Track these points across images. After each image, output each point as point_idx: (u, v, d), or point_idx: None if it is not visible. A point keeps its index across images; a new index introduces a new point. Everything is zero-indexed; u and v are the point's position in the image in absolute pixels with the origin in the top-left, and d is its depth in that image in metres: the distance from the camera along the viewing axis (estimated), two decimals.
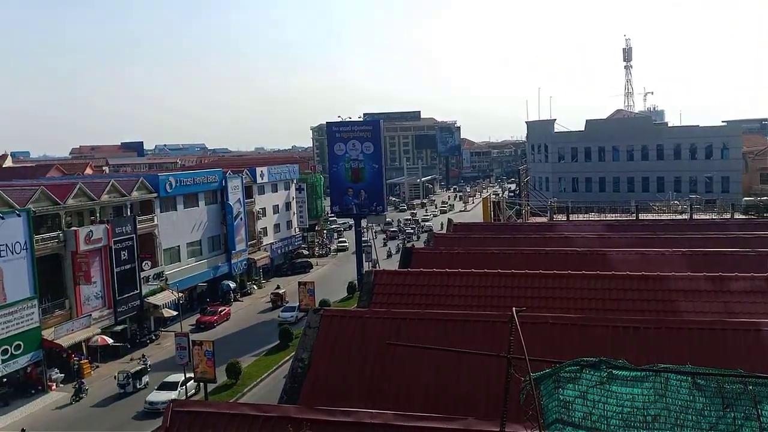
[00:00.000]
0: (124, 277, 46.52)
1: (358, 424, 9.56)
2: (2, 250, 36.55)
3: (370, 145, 62.09)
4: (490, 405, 11.63)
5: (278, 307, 55.11)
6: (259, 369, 41.03)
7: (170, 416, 10.22)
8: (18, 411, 35.81)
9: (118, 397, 37.43)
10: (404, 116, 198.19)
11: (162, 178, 53.75)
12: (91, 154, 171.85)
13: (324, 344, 13.97)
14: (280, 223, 74.15)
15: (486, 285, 17.74)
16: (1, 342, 36.07)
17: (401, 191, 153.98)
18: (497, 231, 31.01)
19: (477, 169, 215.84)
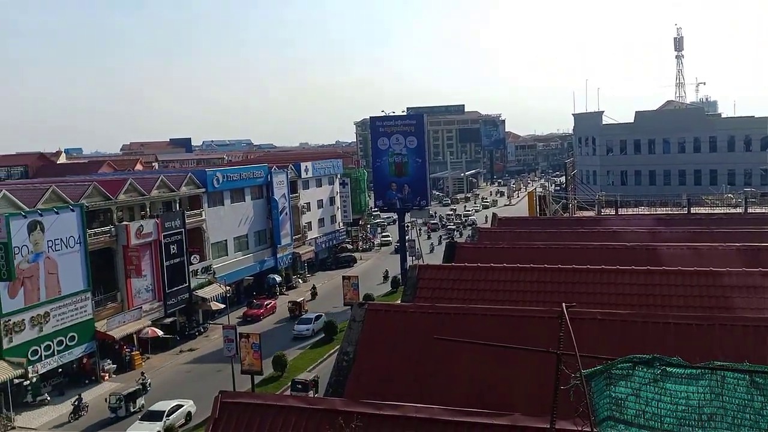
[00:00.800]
0: (174, 271, 47.61)
1: (404, 417, 9.58)
2: (57, 244, 37.80)
3: (414, 140, 61.97)
4: (536, 401, 11.49)
5: (297, 317, 50.40)
6: (305, 362, 41.51)
7: (219, 407, 10.43)
8: (73, 400, 37.01)
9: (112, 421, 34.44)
10: (448, 110, 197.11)
11: (210, 174, 54.76)
12: (141, 150, 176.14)
13: (369, 338, 14.04)
14: (324, 217, 74.75)
15: (531, 280, 17.53)
16: (56, 333, 37.37)
17: (445, 185, 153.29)
18: (543, 225, 30.62)
19: (522, 163, 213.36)
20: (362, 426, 8.79)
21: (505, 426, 9.11)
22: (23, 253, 35.47)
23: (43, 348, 36.44)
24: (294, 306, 52.70)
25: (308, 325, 46.81)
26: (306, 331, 46.09)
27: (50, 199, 38.53)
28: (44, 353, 36.53)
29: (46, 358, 36.71)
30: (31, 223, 36.16)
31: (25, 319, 35.62)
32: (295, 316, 50.51)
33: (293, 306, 52.63)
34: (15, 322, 35.00)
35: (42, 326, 36.54)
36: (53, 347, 37.10)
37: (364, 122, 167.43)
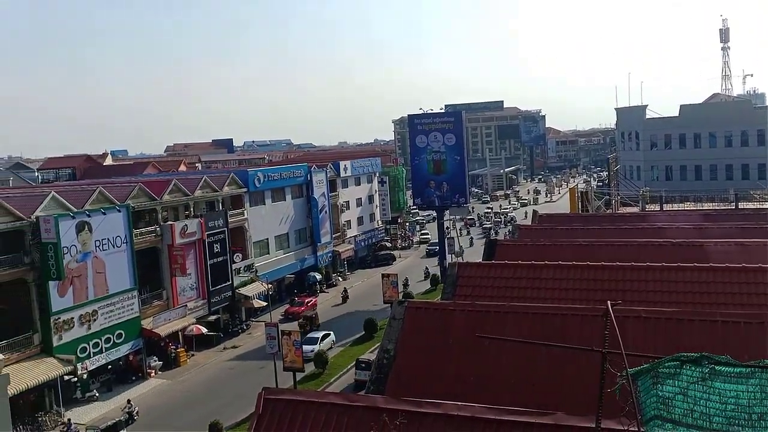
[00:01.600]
0: (217, 269, 48.43)
1: (445, 416, 9.56)
2: (104, 243, 38.81)
3: (452, 137, 61.68)
4: (579, 401, 11.33)
5: (307, 333, 45.14)
6: (345, 359, 41.75)
7: (262, 403, 10.57)
8: (120, 396, 38.01)
9: None
10: (487, 106, 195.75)
11: (251, 174, 55.52)
12: (185, 151, 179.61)
13: (409, 336, 14.05)
14: (363, 215, 75.04)
15: (574, 278, 17.29)
16: (104, 331, 38.39)
17: (484, 183, 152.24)
18: (585, 222, 30.15)
19: (563, 159, 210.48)
20: (404, 423, 8.80)
21: (549, 425, 9.01)
22: (72, 253, 36.51)
23: (91, 345, 37.47)
24: (305, 321, 47.63)
25: (313, 346, 41.38)
26: (310, 353, 39.67)
27: (97, 200, 39.59)
28: (92, 350, 37.56)
29: (95, 355, 37.73)
30: (79, 223, 37.21)
31: (74, 317, 36.68)
32: (306, 332, 45.30)
33: (304, 321, 47.54)
34: (64, 320, 36.08)
35: (90, 324, 37.58)
36: (101, 344, 38.12)
37: (402, 120, 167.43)
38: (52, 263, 35.10)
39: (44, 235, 35.15)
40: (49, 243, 35.09)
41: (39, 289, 35.46)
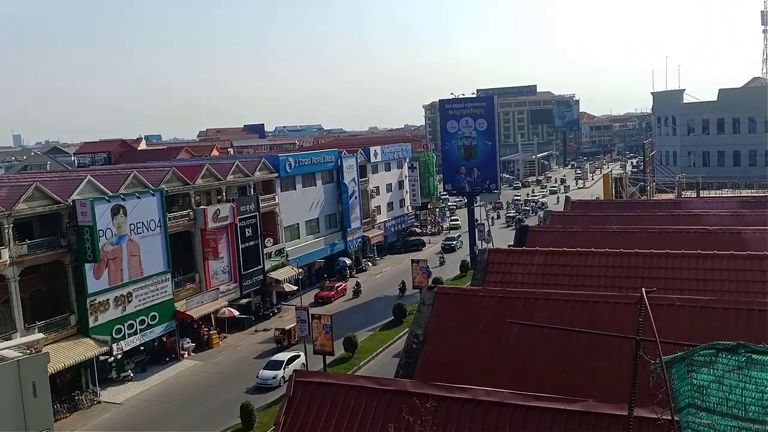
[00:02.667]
0: (249, 253, 48.95)
1: (474, 401, 9.55)
2: (139, 227, 39.46)
3: (484, 122, 61.11)
4: (610, 387, 11.23)
5: (284, 348, 40.89)
6: (374, 343, 41.97)
7: (293, 386, 10.69)
8: (154, 377, 38.84)
9: None
10: (519, 91, 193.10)
11: (282, 159, 55.82)
12: (217, 136, 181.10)
13: (438, 321, 14.04)
14: (393, 201, 74.99)
15: (606, 265, 17.07)
16: (138, 312, 39.16)
17: (515, 168, 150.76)
18: (619, 209, 29.68)
19: (597, 144, 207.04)
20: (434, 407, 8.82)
21: (578, 412, 8.94)
22: (107, 236, 37.21)
23: (126, 327, 38.26)
24: (282, 335, 42.17)
25: (276, 372, 35.94)
26: (272, 381, 35.43)
27: (132, 184, 40.24)
28: (127, 332, 38.36)
29: (129, 336, 38.54)
30: (114, 207, 37.88)
31: (110, 299, 37.46)
32: (283, 347, 41.01)
33: (281, 335, 42.14)
34: (100, 302, 36.88)
35: (125, 306, 38.36)
36: (136, 326, 38.91)
37: (433, 105, 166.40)
38: (88, 246, 35.84)
39: (80, 219, 35.89)
40: (85, 226, 35.81)
41: (75, 271, 36.27)
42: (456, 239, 72.22)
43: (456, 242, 71.38)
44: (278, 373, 35.93)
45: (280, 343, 41.96)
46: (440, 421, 9.23)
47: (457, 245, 70.47)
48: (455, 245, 70.57)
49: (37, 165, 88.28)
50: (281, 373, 35.91)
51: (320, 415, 10.17)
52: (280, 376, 35.60)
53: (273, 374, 36.03)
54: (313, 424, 10.09)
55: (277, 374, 35.89)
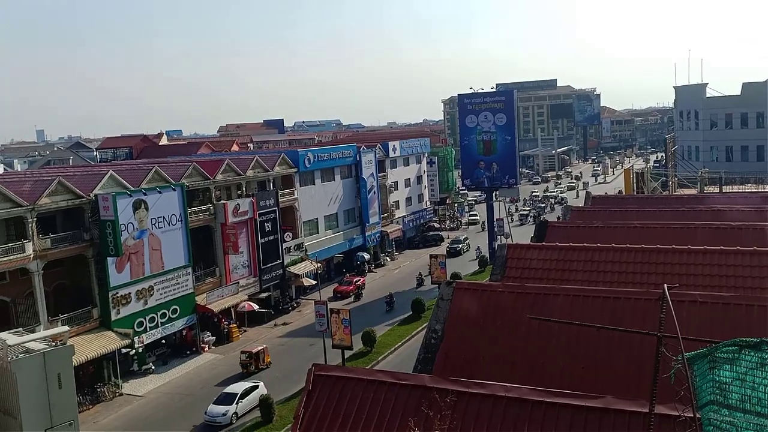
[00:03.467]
0: (268, 248, 49.25)
1: (493, 396, 9.54)
2: (160, 221, 39.87)
3: (503, 117, 60.76)
4: (629, 384, 11.16)
5: (251, 374, 36.72)
6: (393, 338, 42.04)
7: (312, 379, 10.75)
8: (175, 370, 39.28)
9: None
10: (539, 85, 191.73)
11: (301, 154, 56.03)
12: (237, 131, 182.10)
13: (457, 316, 14.02)
14: (411, 196, 74.95)
15: (627, 261, 16.92)
16: (160, 306, 39.60)
17: (535, 163, 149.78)
18: (640, 204, 29.39)
19: (618, 139, 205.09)
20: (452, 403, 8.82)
21: (598, 408, 8.90)
22: (129, 230, 37.65)
23: (147, 320, 38.72)
24: (248, 359, 37.32)
25: (227, 407, 31.34)
26: (221, 418, 30.93)
27: (153, 179, 40.64)
28: (149, 325, 38.82)
29: (151, 329, 39.00)
30: (136, 201, 38.30)
31: (131, 293, 37.92)
32: (249, 374, 36.71)
33: (247, 359, 37.29)
34: (122, 295, 37.35)
35: (147, 299, 38.81)
36: (157, 319, 39.36)
37: (452, 100, 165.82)
38: (110, 240, 36.29)
39: (103, 213, 36.34)
40: (107, 220, 36.26)
41: (98, 265, 36.76)
42: (462, 242, 68.14)
43: (462, 245, 67.34)
44: (229, 409, 31.24)
45: (246, 368, 36.95)
46: (459, 417, 9.24)
47: (463, 249, 66.83)
48: (461, 249, 66.79)
49: (60, 160, 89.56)
50: (233, 408, 31.32)
51: (339, 408, 10.23)
52: (232, 412, 31.12)
53: (224, 410, 31.18)
54: (332, 417, 10.15)
55: (228, 410, 31.16)
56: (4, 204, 32.65)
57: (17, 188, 34.51)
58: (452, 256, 63.07)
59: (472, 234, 76.67)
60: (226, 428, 30.96)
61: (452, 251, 65.43)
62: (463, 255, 65.25)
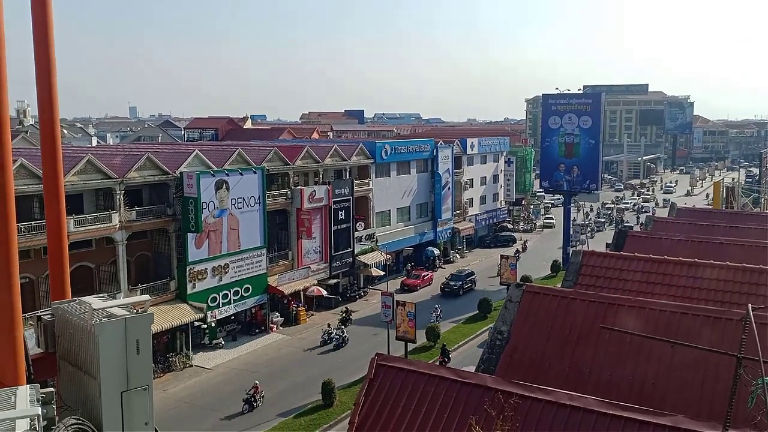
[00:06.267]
0: (340, 236, 49.94)
1: (557, 404, 9.35)
2: (239, 202, 41.08)
3: (588, 119, 59.16)
4: (702, 405, 10.69)
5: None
6: (457, 336, 41.83)
7: (374, 368, 10.83)
8: (245, 346, 40.49)
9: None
10: (629, 89, 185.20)
11: (379, 146, 56.38)
12: (318, 120, 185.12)
13: (524, 319, 13.79)
14: (486, 195, 74.14)
15: (710, 278, 16.14)
16: (233, 284, 40.86)
17: (618, 169, 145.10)
18: (728, 219, 27.95)
19: (709, 150, 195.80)
20: (516, 404, 8.70)
21: (667, 426, 8.56)
22: (210, 209, 38.99)
23: (221, 296, 40.04)
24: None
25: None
26: None
27: (236, 161, 41.88)
28: (222, 301, 40.14)
29: (223, 305, 40.32)
30: (218, 181, 39.59)
31: (208, 269, 39.29)
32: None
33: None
34: (199, 271, 38.75)
35: (222, 276, 40.12)
36: (230, 296, 40.64)
37: (535, 99, 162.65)
38: (191, 216, 37.69)
39: (186, 190, 37.78)
40: (190, 198, 37.67)
41: (178, 240, 38.28)
42: (464, 279, 52.14)
43: (463, 282, 51.61)
44: None
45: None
46: (520, 420, 9.11)
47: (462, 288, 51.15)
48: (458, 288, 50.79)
49: (150, 136, 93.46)
50: None
51: (399, 399, 10.28)
52: None
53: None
54: (392, 407, 10.21)
55: None
56: (95, 175, 34.44)
57: (108, 161, 36.33)
58: (448, 295, 50.69)
59: (547, 237, 75.08)
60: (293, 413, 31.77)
61: (446, 288, 51.54)
62: (462, 296, 50.34)
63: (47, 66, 6.44)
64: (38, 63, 6.42)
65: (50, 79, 6.49)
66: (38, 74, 6.44)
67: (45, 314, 6.05)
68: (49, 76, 6.47)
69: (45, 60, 6.44)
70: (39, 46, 6.40)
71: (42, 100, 6.48)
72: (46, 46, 6.43)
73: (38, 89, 6.50)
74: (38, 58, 6.42)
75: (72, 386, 5.71)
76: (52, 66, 6.50)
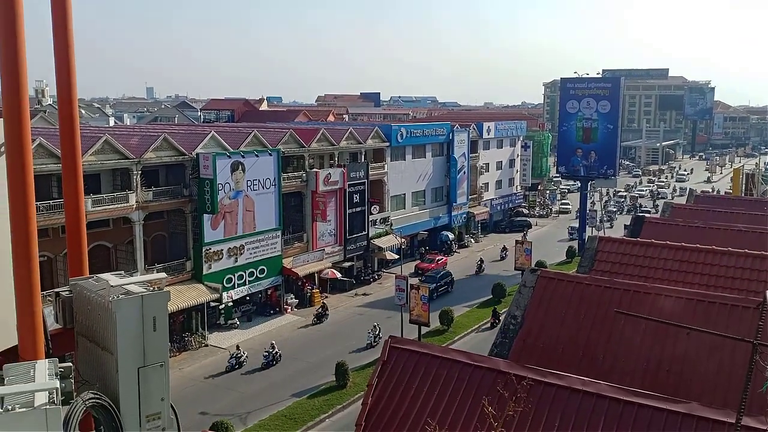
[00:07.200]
0: (355, 219, 50.02)
1: (570, 389, 9.35)
2: (255, 184, 41.22)
3: (607, 104, 58.53)
4: (717, 391, 10.66)
5: None
6: (470, 320, 41.90)
7: (388, 351, 10.90)
8: (259, 327, 40.85)
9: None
10: (649, 74, 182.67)
11: (394, 129, 56.19)
12: (334, 102, 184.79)
13: (538, 305, 13.77)
14: (502, 179, 73.76)
15: (727, 265, 16.01)
16: (248, 265, 41.13)
17: (636, 155, 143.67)
18: (748, 207, 27.63)
19: (730, 137, 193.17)
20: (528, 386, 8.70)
21: (680, 413, 8.54)
22: (225, 190, 39.16)
23: (236, 277, 40.35)
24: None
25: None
26: None
27: (252, 142, 41.97)
28: (237, 282, 40.46)
29: (239, 286, 40.65)
30: (234, 163, 39.73)
31: (223, 250, 39.57)
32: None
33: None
34: (214, 251, 39.04)
35: (237, 257, 40.40)
36: (245, 277, 40.94)
37: (553, 83, 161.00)
38: (207, 197, 37.92)
39: (203, 171, 37.97)
40: (206, 179, 37.87)
41: (194, 221, 38.54)
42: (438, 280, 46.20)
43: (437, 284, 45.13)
44: None
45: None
46: (533, 404, 9.13)
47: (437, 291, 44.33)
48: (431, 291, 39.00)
49: (167, 117, 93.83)
50: None
51: (412, 381, 10.34)
52: None
53: None
54: (405, 389, 10.28)
55: None
56: (113, 155, 34.69)
57: (126, 141, 36.56)
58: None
59: (563, 222, 74.62)
60: None
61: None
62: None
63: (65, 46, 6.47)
64: (57, 43, 6.45)
65: (69, 60, 6.52)
66: (57, 54, 6.47)
67: (63, 291, 6.14)
68: (67, 56, 6.50)
69: (63, 40, 6.46)
70: (57, 27, 6.43)
71: (60, 80, 6.52)
72: (64, 27, 6.45)
73: (57, 69, 6.53)
74: (57, 39, 6.45)
75: (89, 361, 5.80)
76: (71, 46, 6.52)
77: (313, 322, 41.88)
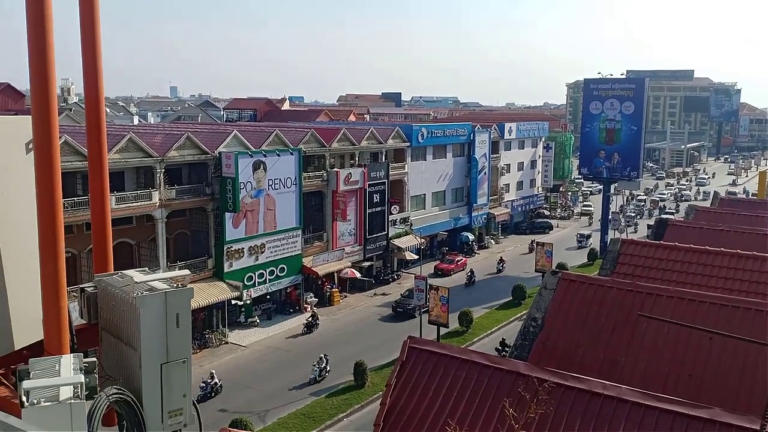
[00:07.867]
0: (375, 218, 50.09)
1: (590, 392, 9.28)
2: (276, 183, 41.45)
3: (631, 105, 57.96)
4: (740, 397, 10.50)
5: None
6: (490, 321, 41.73)
7: (407, 351, 10.89)
8: (278, 326, 41.08)
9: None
10: (674, 75, 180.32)
11: (415, 129, 56.15)
12: (355, 102, 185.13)
13: (559, 307, 13.67)
14: (523, 180, 73.34)
15: (752, 269, 15.76)
16: (269, 263, 41.37)
17: (661, 157, 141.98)
18: None
19: (756, 139, 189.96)
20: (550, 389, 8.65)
21: (702, 419, 8.43)
22: (247, 189, 39.44)
23: (257, 275, 40.62)
24: None
25: None
26: None
27: (273, 142, 42.21)
28: (257, 280, 40.73)
29: (259, 284, 40.91)
30: (255, 162, 39.99)
31: (244, 248, 39.85)
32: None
33: None
34: (236, 250, 39.33)
35: (258, 256, 40.66)
36: (265, 276, 41.20)
37: (576, 84, 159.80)
38: (229, 196, 38.22)
39: (225, 170, 38.28)
40: (228, 177, 38.17)
41: (216, 219, 38.89)
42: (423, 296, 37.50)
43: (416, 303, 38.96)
44: None
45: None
46: (553, 407, 9.07)
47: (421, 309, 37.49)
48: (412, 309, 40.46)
49: (190, 116, 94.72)
50: None
51: (431, 382, 10.32)
52: None
53: None
54: (423, 390, 10.27)
55: None
56: (136, 153, 35.11)
57: (149, 140, 36.98)
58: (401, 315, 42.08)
59: (585, 224, 73.94)
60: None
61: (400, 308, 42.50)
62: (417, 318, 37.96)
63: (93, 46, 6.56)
64: (84, 43, 6.54)
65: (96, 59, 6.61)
66: (84, 54, 6.56)
67: (88, 287, 6.23)
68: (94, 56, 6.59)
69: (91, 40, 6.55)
70: (85, 28, 6.52)
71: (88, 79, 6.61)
72: (92, 26, 6.55)
73: (84, 69, 6.62)
74: (84, 38, 6.54)
75: (113, 357, 5.88)
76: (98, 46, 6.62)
77: (302, 332, 39.92)
